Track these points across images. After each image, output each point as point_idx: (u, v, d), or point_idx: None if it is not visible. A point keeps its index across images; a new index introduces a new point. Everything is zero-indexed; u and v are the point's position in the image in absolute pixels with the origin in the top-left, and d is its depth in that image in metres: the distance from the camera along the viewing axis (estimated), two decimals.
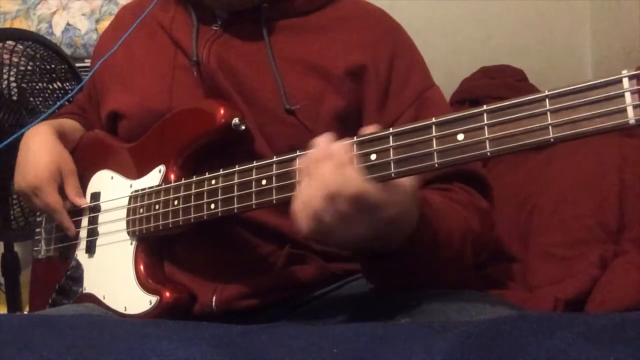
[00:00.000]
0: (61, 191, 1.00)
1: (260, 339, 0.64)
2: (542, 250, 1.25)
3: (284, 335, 0.64)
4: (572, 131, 0.55)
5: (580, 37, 2.06)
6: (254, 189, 0.76)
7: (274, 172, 0.75)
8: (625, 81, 0.53)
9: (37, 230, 1.11)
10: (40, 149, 1.00)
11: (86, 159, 1.05)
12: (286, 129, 0.89)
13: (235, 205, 0.78)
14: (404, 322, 0.76)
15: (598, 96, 0.54)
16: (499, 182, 1.31)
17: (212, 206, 0.81)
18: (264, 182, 0.76)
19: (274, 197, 0.74)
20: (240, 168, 0.79)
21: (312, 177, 0.67)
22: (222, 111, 0.86)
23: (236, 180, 0.79)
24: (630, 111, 0.52)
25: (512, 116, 0.59)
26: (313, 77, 0.90)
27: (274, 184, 0.75)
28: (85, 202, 1.01)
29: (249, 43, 0.93)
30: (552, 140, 0.56)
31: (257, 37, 0.92)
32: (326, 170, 0.66)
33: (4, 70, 1.45)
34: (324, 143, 0.69)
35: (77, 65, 1.66)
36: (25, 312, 1.11)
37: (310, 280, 0.90)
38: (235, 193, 0.78)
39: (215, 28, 0.95)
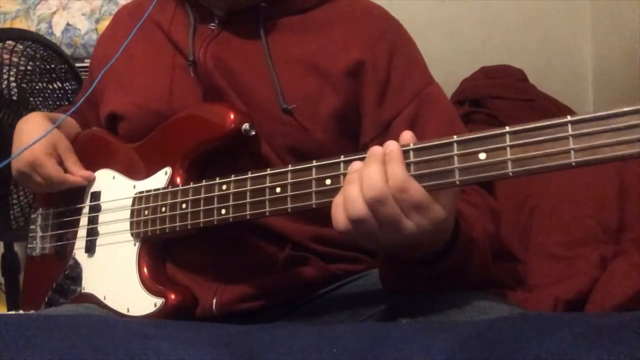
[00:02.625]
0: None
1: (260, 339, 0.64)
2: (542, 250, 1.25)
3: (284, 335, 0.64)
4: (594, 157, 0.56)
5: (580, 37, 2.06)
6: (267, 197, 0.76)
7: (289, 180, 0.74)
8: None
9: (32, 227, 1.11)
10: (34, 131, 0.98)
11: (85, 157, 1.04)
12: (284, 128, 0.89)
13: (248, 212, 0.78)
14: (404, 322, 0.76)
15: (620, 124, 0.55)
16: (499, 182, 1.31)
17: (223, 211, 0.80)
18: (278, 189, 0.75)
19: (289, 205, 0.74)
20: (253, 175, 0.78)
21: (357, 175, 0.65)
22: (232, 116, 0.86)
23: (249, 187, 0.78)
24: None
25: (535, 139, 0.59)
26: (311, 76, 0.90)
27: (289, 193, 0.74)
28: (90, 174, 1.00)
29: (246, 42, 0.93)
30: (573, 164, 0.57)
31: (255, 36, 0.92)
32: (375, 173, 0.64)
33: (4, 70, 1.45)
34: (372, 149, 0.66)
35: (77, 65, 1.67)
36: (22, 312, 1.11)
37: (310, 282, 0.90)
38: (248, 200, 0.78)
39: (212, 27, 0.94)
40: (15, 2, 2.00)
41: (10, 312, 1.38)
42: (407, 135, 0.67)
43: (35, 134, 0.97)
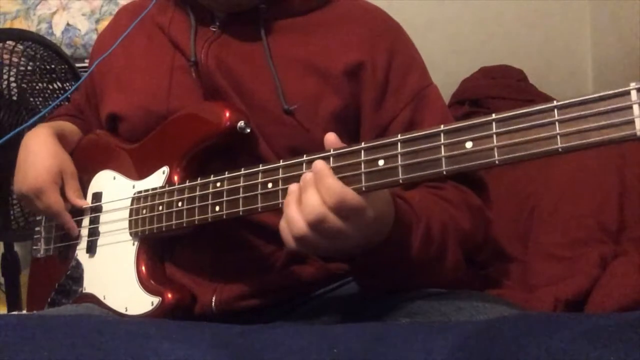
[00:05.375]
0: (61, 193, 1.00)
1: (260, 339, 0.64)
2: (542, 250, 1.25)
3: (284, 335, 0.64)
4: (580, 141, 0.55)
5: (580, 37, 2.06)
6: (259, 192, 0.76)
7: (280, 175, 0.75)
8: (634, 93, 0.53)
9: (37, 229, 1.11)
10: (40, 151, 1.00)
11: (87, 159, 1.04)
12: (285, 129, 0.89)
13: (241, 208, 0.78)
14: (404, 322, 0.76)
15: (606, 107, 0.54)
16: (499, 181, 1.31)
17: (217, 208, 0.81)
18: (270, 185, 0.75)
19: (280, 200, 0.74)
20: (246, 171, 0.78)
21: (295, 198, 0.69)
22: (227, 114, 0.86)
23: (242, 183, 0.78)
24: (638, 123, 0.52)
25: (521, 125, 0.59)
26: (311, 77, 0.90)
27: (280, 187, 0.74)
28: (87, 203, 1.01)
29: (247, 43, 0.93)
30: (560, 150, 0.57)
31: (255, 38, 0.92)
32: (312, 195, 0.67)
33: (4, 70, 1.45)
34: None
35: (77, 65, 1.66)
36: (24, 312, 1.11)
37: (309, 280, 0.90)
38: (241, 195, 0.78)
39: (214, 29, 0.95)
40: (15, 2, 2.00)
41: (11, 312, 1.38)
42: (330, 137, 0.71)
43: (42, 158, 0.99)
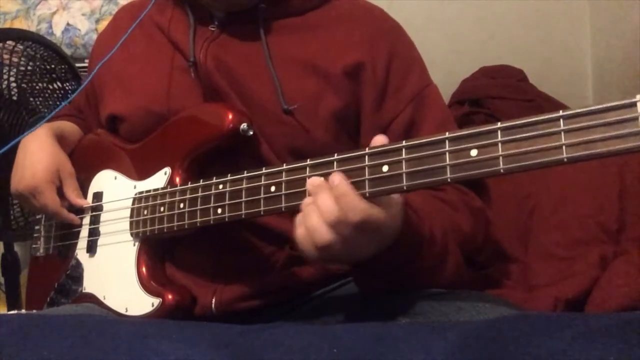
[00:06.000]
0: (60, 194, 1.00)
1: (260, 339, 0.64)
2: (542, 250, 1.25)
3: (283, 335, 0.64)
4: (586, 152, 0.55)
5: (580, 37, 2.06)
6: (262, 195, 0.76)
7: (283, 178, 0.74)
8: None
9: (37, 227, 1.11)
10: (38, 152, 1.00)
11: (88, 159, 1.05)
12: (285, 129, 0.89)
13: (243, 212, 0.78)
14: (404, 322, 0.76)
15: (613, 118, 0.54)
16: (499, 181, 1.31)
17: (219, 211, 0.80)
18: (272, 188, 0.75)
19: (283, 204, 0.74)
20: (249, 174, 0.78)
21: (314, 207, 0.68)
22: (230, 116, 0.86)
23: (244, 186, 0.78)
24: None
25: (527, 134, 0.59)
26: (311, 76, 0.90)
27: (283, 191, 0.74)
28: (87, 202, 1.00)
29: (247, 43, 0.93)
30: (565, 160, 0.56)
31: (255, 37, 0.92)
32: (328, 200, 0.66)
33: (4, 70, 1.45)
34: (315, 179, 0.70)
35: (77, 65, 1.66)
36: (23, 311, 1.11)
37: (309, 281, 0.90)
38: (243, 199, 0.78)
39: (212, 29, 0.94)
40: (15, 2, 2.00)
41: (11, 312, 1.38)
42: (379, 138, 0.69)
43: (39, 157, 0.99)
